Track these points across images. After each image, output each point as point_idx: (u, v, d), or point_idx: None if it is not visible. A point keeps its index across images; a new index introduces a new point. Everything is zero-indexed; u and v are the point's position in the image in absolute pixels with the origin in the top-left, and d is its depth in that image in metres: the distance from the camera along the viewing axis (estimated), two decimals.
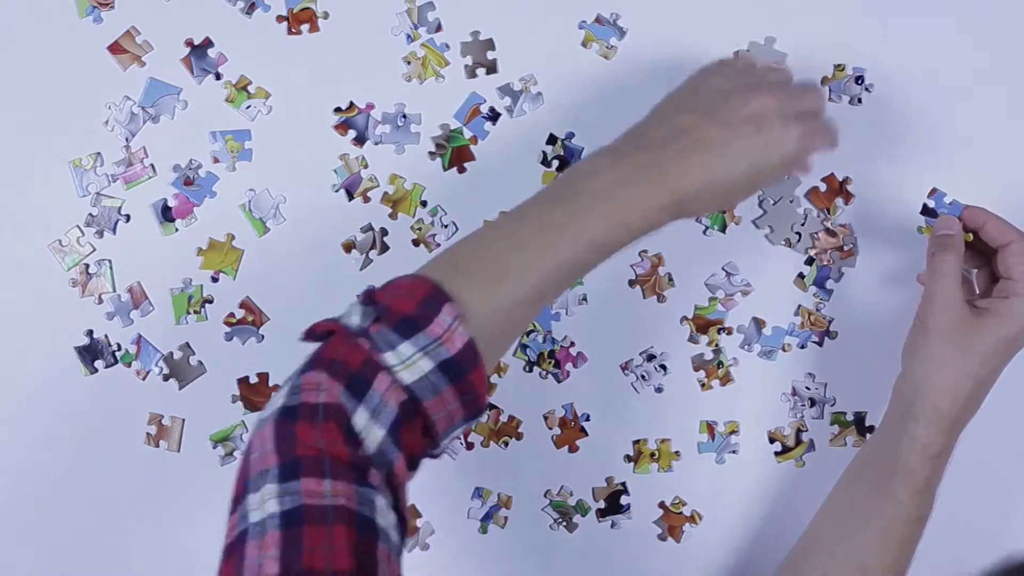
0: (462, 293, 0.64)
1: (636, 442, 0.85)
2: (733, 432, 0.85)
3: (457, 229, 0.85)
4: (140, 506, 0.85)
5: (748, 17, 0.85)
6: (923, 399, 0.75)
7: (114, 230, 0.85)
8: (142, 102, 0.85)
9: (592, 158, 0.70)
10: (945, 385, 0.74)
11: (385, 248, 0.85)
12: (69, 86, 0.85)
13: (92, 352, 0.85)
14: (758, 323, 0.85)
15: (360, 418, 0.60)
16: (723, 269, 0.85)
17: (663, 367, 0.85)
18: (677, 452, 0.85)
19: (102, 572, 0.84)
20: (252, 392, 0.84)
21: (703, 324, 0.85)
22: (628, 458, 0.85)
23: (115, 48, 0.85)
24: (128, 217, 0.85)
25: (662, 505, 0.85)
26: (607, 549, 0.85)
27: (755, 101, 0.69)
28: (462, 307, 0.63)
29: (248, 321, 0.85)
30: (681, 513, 0.85)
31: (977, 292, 0.79)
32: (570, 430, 0.85)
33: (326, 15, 0.85)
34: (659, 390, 0.85)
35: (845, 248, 0.85)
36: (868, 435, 0.85)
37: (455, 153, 0.85)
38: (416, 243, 0.85)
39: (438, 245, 0.85)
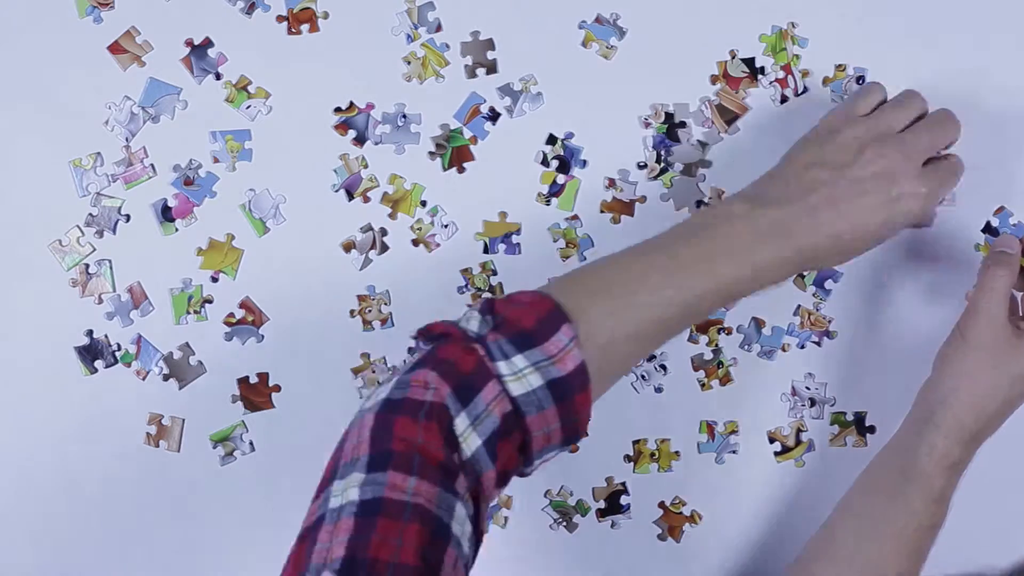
0: (582, 317, 0.65)
1: (636, 442, 0.85)
2: (733, 432, 0.85)
3: (458, 229, 0.85)
4: (140, 506, 0.85)
5: (748, 17, 0.85)
6: (947, 410, 0.75)
7: (114, 230, 0.85)
8: (142, 102, 0.85)
9: (728, 204, 0.72)
10: (972, 400, 0.74)
11: (385, 248, 0.85)
12: (69, 86, 0.85)
13: (92, 352, 0.85)
14: (758, 323, 0.85)
15: (462, 423, 0.60)
16: None
17: (663, 367, 0.85)
18: (677, 452, 0.85)
19: (102, 572, 0.84)
20: (252, 392, 0.84)
21: (703, 324, 0.85)
22: (628, 458, 0.85)
23: (115, 48, 0.85)
24: (128, 217, 0.85)
25: (662, 505, 0.85)
26: (607, 549, 0.85)
27: (885, 158, 0.72)
28: (580, 330, 0.64)
29: (248, 321, 0.85)
30: (681, 513, 0.85)
31: (1021, 315, 0.79)
32: None
33: (326, 15, 0.85)
34: (659, 390, 0.85)
35: None
36: (868, 435, 0.85)
37: (455, 153, 0.85)
38: (416, 243, 0.85)
39: (438, 245, 0.85)
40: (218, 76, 0.85)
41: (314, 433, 0.84)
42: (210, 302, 0.85)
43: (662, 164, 0.85)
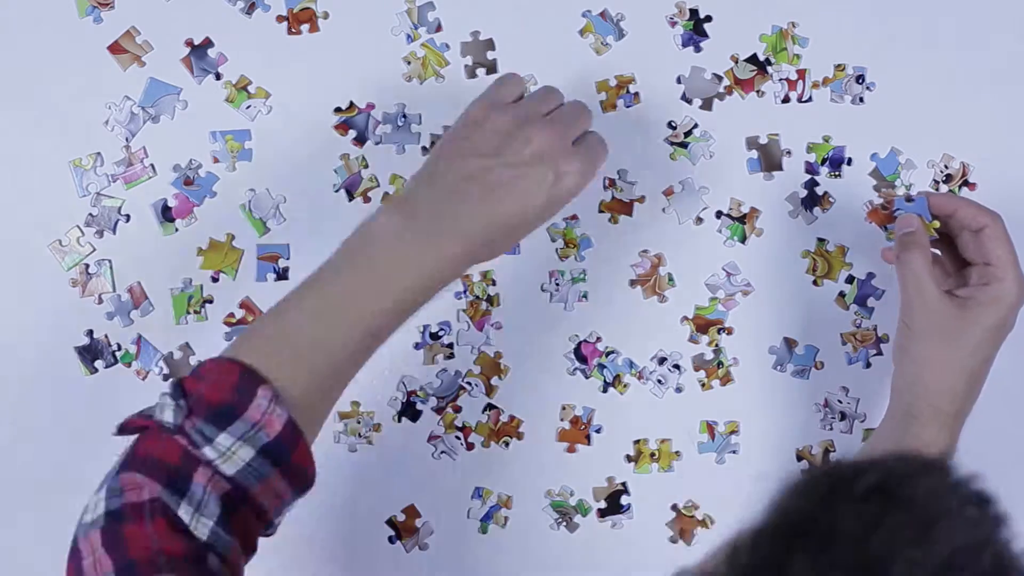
0: (275, 371, 0.64)
1: (636, 442, 0.85)
2: (733, 432, 0.85)
3: None
4: None
5: (747, 21, 0.85)
6: (920, 399, 0.74)
7: (114, 230, 0.85)
8: (142, 102, 0.85)
9: (382, 215, 0.70)
10: (939, 383, 0.74)
11: None
12: (69, 86, 0.85)
13: (92, 352, 0.85)
14: (789, 343, 0.85)
15: (185, 513, 0.60)
16: (723, 269, 0.85)
17: (676, 367, 0.85)
18: (677, 452, 0.85)
19: None
20: None
21: (703, 324, 0.85)
22: (629, 458, 0.85)
23: (115, 48, 0.85)
24: (128, 217, 0.85)
25: (674, 508, 0.85)
26: (608, 549, 0.85)
27: (537, 138, 0.69)
28: (278, 385, 0.64)
29: (248, 321, 0.85)
30: (693, 517, 0.85)
31: (954, 285, 0.77)
32: (577, 432, 0.84)
33: (326, 15, 0.85)
34: (679, 390, 0.85)
35: None
36: None
37: None
38: None
39: None
40: (218, 76, 0.85)
41: None
42: (210, 302, 0.85)
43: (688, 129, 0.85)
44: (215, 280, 0.85)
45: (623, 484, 0.85)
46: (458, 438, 0.85)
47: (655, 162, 0.86)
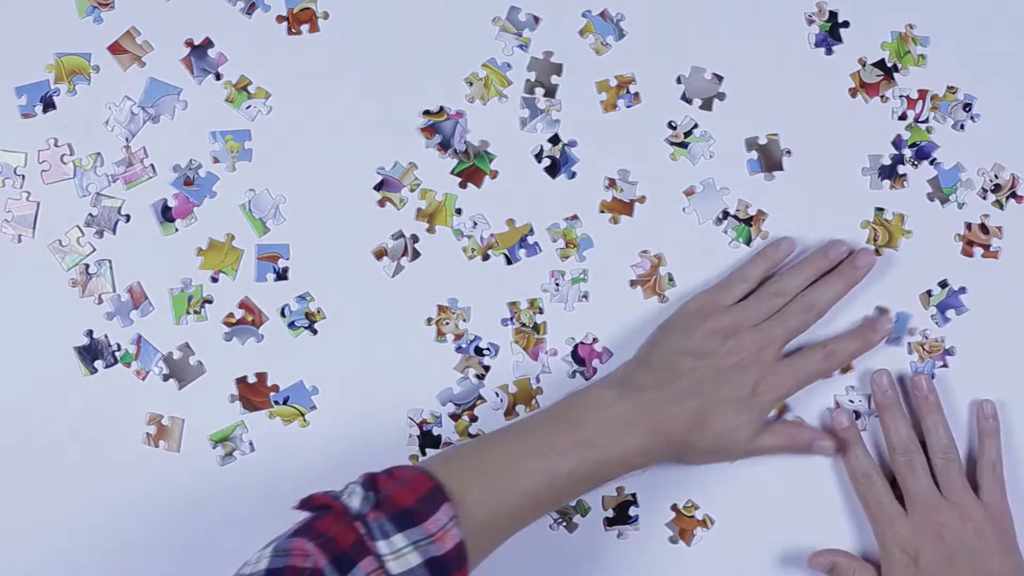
0: (462, 494, 0.69)
1: None
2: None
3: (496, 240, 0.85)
4: (140, 506, 0.84)
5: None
6: None
7: (114, 230, 0.85)
8: (142, 102, 0.85)
9: (597, 389, 0.78)
10: None
11: (416, 255, 0.84)
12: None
13: (92, 352, 0.85)
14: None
15: None
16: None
17: None
18: None
19: (102, 572, 0.84)
20: (251, 392, 0.84)
21: None
22: None
23: (115, 48, 0.85)
24: (128, 217, 0.85)
25: (675, 508, 0.84)
26: (606, 550, 0.85)
27: (743, 349, 0.78)
28: (460, 508, 0.68)
29: (248, 321, 0.85)
30: (693, 517, 0.84)
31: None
32: None
33: (326, 15, 0.85)
34: None
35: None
36: None
37: (472, 170, 0.85)
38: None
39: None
40: (218, 76, 0.85)
41: (316, 434, 0.85)
42: (210, 302, 0.85)
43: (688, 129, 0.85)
44: (215, 280, 0.85)
45: (633, 495, 0.85)
46: None
47: (656, 162, 0.85)
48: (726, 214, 0.85)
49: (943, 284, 0.85)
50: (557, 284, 0.85)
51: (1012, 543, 0.79)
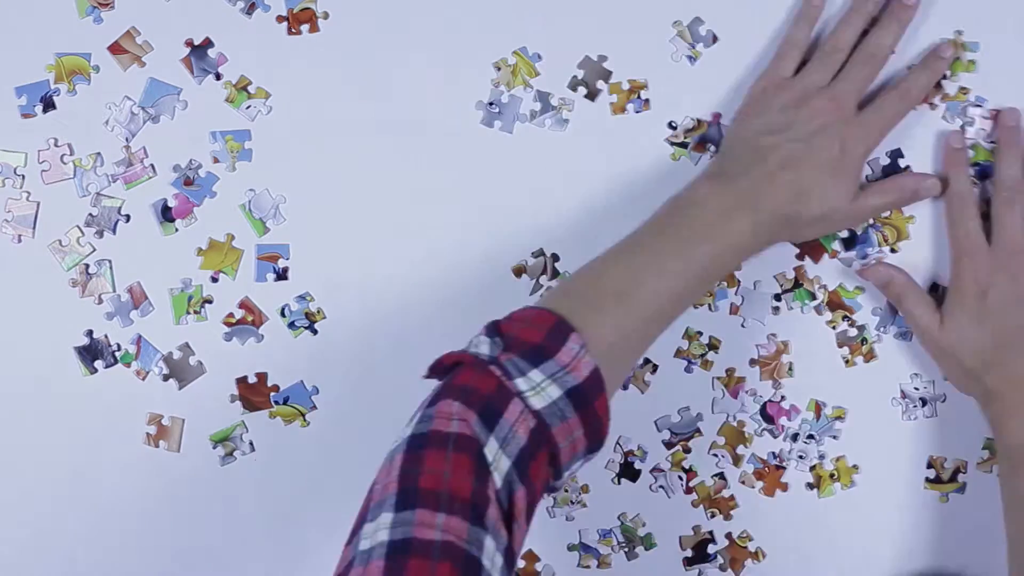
0: (585, 323, 0.68)
1: (812, 467, 0.84)
2: (839, 418, 0.83)
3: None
4: (140, 506, 0.85)
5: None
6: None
7: (114, 230, 0.85)
8: (142, 102, 0.85)
9: (693, 189, 0.77)
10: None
11: (556, 274, 0.84)
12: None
13: (92, 352, 0.85)
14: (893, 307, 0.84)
15: (491, 449, 0.61)
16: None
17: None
18: (856, 466, 0.83)
19: (102, 572, 0.84)
20: (251, 392, 0.84)
21: (836, 303, 0.84)
22: (810, 485, 0.84)
23: (115, 48, 0.85)
24: (128, 217, 0.85)
25: (728, 536, 0.84)
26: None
27: (819, 113, 0.76)
28: (586, 336, 0.67)
29: (248, 321, 0.85)
30: (746, 548, 0.84)
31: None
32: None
33: (326, 15, 0.85)
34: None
35: None
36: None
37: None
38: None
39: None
40: (218, 76, 0.85)
41: (316, 434, 0.85)
42: (210, 302, 0.85)
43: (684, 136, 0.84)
44: (215, 280, 0.85)
45: (710, 533, 0.84)
46: (680, 478, 0.84)
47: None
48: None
49: None
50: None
51: None
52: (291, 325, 0.85)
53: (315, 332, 0.85)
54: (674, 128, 0.85)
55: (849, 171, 0.76)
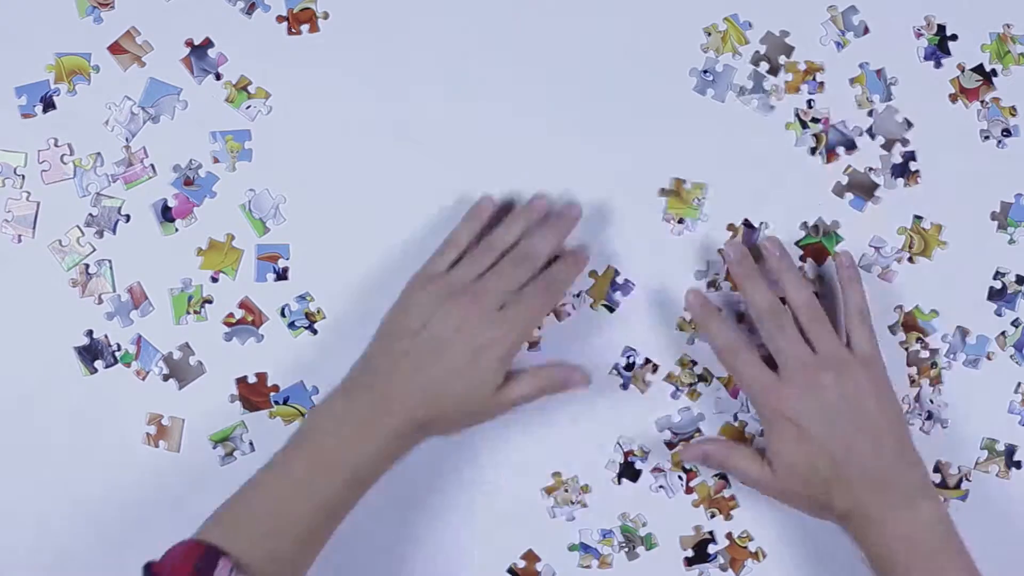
0: (238, 548, 0.71)
1: None
2: None
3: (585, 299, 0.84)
4: (140, 506, 0.84)
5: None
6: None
7: (114, 230, 0.85)
8: (142, 102, 0.85)
9: (328, 402, 0.77)
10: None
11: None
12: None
13: (92, 352, 0.85)
14: (963, 331, 0.84)
15: None
16: None
17: None
18: None
19: (102, 572, 0.84)
20: (250, 392, 0.84)
21: (911, 324, 0.84)
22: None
23: (115, 48, 0.85)
24: (128, 217, 0.85)
25: (729, 536, 0.84)
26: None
27: (456, 311, 0.76)
28: (240, 558, 0.70)
29: (248, 321, 0.85)
30: (746, 548, 0.84)
31: None
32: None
33: (326, 15, 0.85)
34: None
35: None
36: (1013, 469, 0.84)
37: (817, 247, 0.83)
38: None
39: (568, 315, 0.85)
40: (218, 76, 0.85)
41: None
42: (210, 302, 0.85)
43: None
44: (215, 280, 0.85)
45: (710, 533, 0.84)
46: (680, 478, 0.84)
47: None
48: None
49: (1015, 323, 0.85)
50: None
51: (890, 390, 0.77)
52: (291, 325, 0.85)
53: (315, 332, 0.85)
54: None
55: (485, 374, 0.76)
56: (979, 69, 0.85)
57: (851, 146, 0.84)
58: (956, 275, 0.85)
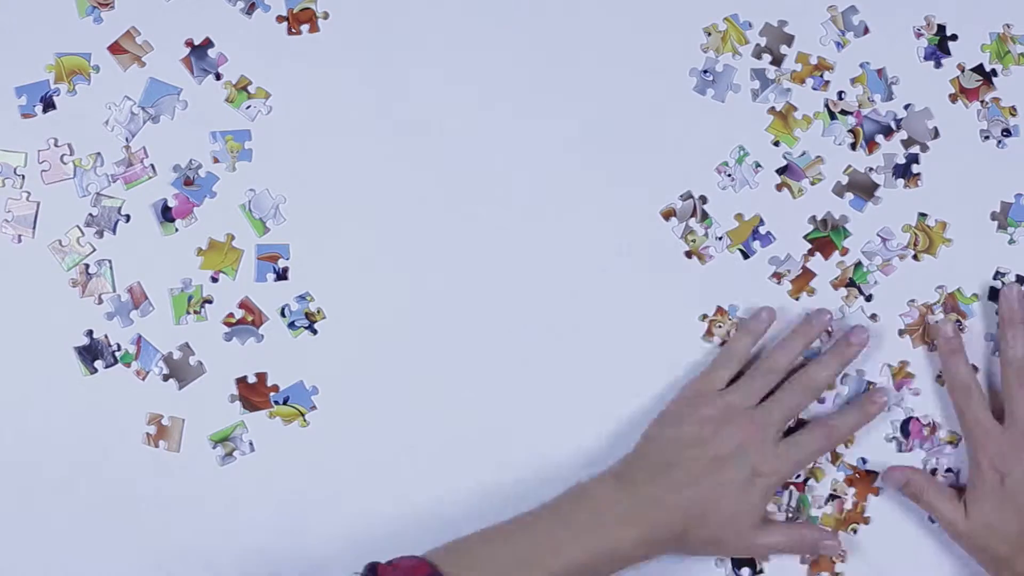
0: None
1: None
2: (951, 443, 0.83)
3: (730, 242, 0.85)
4: (140, 506, 0.84)
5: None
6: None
7: (114, 230, 0.85)
8: (142, 102, 0.85)
9: (597, 483, 0.77)
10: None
11: (705, 216, 0.84)
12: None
13: (92, 352, 0.85)
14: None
15: None
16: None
17: None
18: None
19: (102, 572, 0.84)
20: (250, 392, 0.84)
21: (952, 306, 0.84)
22: None
23: (115, 48, 0.85)
24: (128, 217, 0.85)
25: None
26: None
27: (739, 434, 0.76)
28: None
29: (248, 321, 0.85)
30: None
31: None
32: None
33: (326, 15, 0.85)
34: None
35: None
36: None
37: (824, 241, 0.85)
38: (689, 255, 0.85)
39: (711, 257, 0.84)
40: (218, 76, 0.85)
41: (316, 434, 0.85)
42: (210, 302, 0.85)
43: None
44: (215, 280, 0.85)
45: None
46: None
47: None
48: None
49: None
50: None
51: None
52: (291, 325, 0.85)
53: (315, 332, 0.85)
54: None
55: (753, 500, 0.76)
56: (979, 69, 0.85)
57: (888, 131, 0.84)
58: (956, 275, 0.84)
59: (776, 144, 0.85)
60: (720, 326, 0.83)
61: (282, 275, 0.85)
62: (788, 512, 0.83)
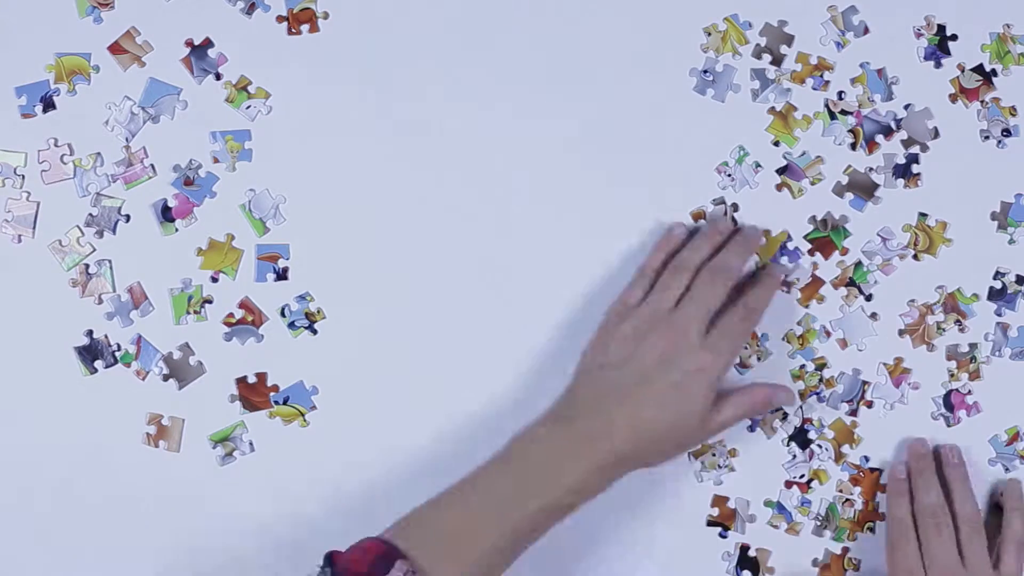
0: (420, 556, 0.70)
1: None
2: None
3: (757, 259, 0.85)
4: (140, 506, 0.85)
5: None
6: None
7: (114, 230, 0.85)
8: (142, 102, 0.85)
9: (538, 427, 0.76)
10: None
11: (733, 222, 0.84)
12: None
13: (92, 352, 0.85)
14: (1003, 328, 0.84)
15: None
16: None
17: None
18: None
19: (102, 572, 0.84)
20: (250, 392, 0.84)
21: (952, 305, 0.84)
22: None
23: (115, 48, 0.85)
24: (128, 217, 0.85)
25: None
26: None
27: (659, 342, 0.75)
28: (420, 564, 0.69)
29: (248, 321, 0.85)
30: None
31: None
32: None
33: (326, 15, 0.85)
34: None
35: None
36: None
37: (824, 241, 0.84)
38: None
39: None
40: (218, 76, 0.85)
41: (316, 434, 0.85)
42: (210, 302, 0.85)
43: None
44: (215, 280, 0.85)
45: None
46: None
47: None
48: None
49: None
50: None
51: None
52: (291, 325, 0.85)
53: (315, 332, 0.85)
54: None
55: (696, 399, 0.75)
56: (979, 69, 0.85)
57: (888, 131, 0.84)
58: (956, 275, 0.84)
59: (776, 144, 0.85)
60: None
61: (282, 275, 0.85)
62: (818, 520, 0.84)
